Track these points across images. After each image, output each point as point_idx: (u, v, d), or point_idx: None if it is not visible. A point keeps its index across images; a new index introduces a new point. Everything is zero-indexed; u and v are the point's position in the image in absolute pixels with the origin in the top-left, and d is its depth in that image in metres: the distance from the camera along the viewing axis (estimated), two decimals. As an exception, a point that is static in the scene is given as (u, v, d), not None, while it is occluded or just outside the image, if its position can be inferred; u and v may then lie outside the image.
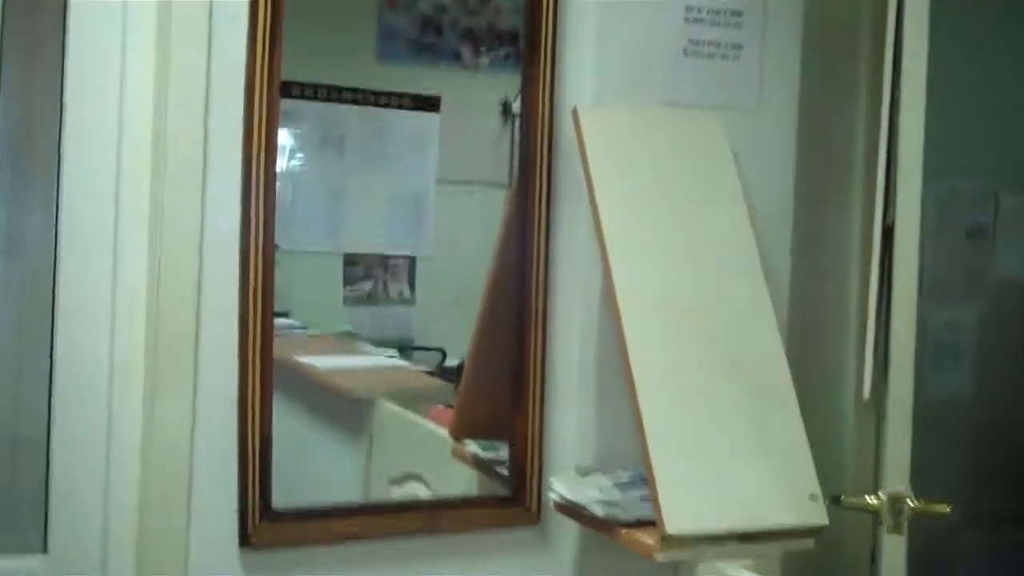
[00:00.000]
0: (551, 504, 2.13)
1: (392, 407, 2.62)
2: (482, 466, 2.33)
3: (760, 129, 2.13)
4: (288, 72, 2.22)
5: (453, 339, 3.45)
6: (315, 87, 3.47)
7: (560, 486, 2.09)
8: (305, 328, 3.22)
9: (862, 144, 2.25)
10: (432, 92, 3.62)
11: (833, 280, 2.28)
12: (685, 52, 2.14)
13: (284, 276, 2.99)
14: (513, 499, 2.20)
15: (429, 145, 3.71)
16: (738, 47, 2.15)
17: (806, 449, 1.96)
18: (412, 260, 3.74)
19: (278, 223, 2.24)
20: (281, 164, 3.23)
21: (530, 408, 2.15)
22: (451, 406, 2.69)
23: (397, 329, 3.56)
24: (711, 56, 2.14)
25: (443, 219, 3.78)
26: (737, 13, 2.14)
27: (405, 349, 3.42)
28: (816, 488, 1.97)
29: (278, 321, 2.22)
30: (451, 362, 3.41)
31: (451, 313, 3.54)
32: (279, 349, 2.18)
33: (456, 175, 3.76)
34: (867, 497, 1.96)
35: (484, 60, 3.74)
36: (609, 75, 2.11)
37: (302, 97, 3.42)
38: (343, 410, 2.71)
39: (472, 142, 3.68)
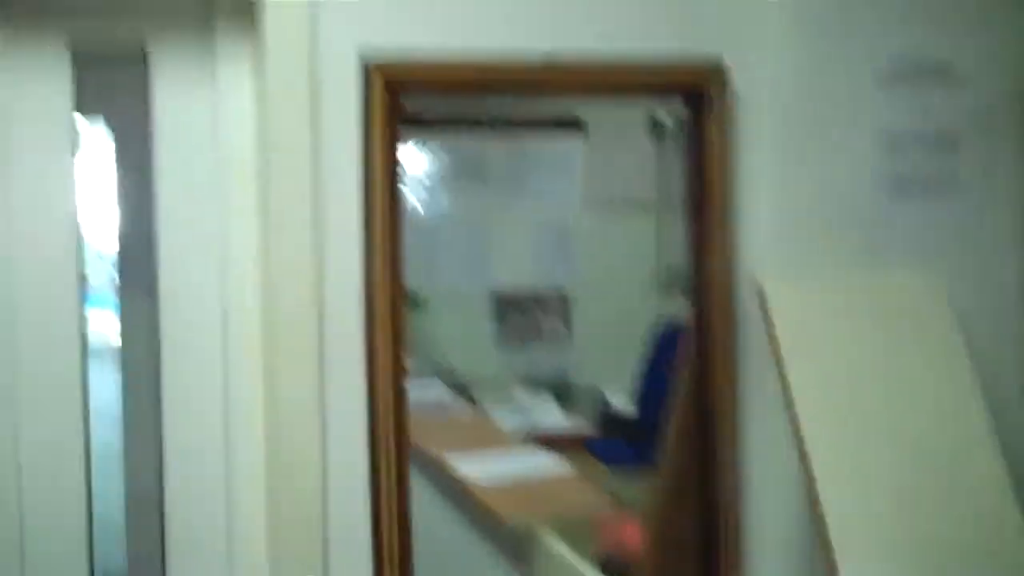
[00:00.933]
0: None
1: (558, 547, 2.31)
2: None
3: (988, 280, 1.74)
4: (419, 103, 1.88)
5: (611, 376, 3.18)
6: (448, 117, 3.20)
7: None
8: (453, 393, 2.98)
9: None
10: (574, 113, 3.34)
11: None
12: (888, 194, 1.73)
13: (431, 322, 2.73)
14: None
15: (574, 170, 3.41)
16: (954, 178, 1.73)
17: None
18: (563, 293, 3.47)
19: (421, 267, 1.98)
20: (418, 202, 2.96)
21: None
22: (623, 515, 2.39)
23: (551, 368, 3.31)
24: (920, 196, 1.73)
25: (592, 247, 3.49)
26: (953, 136, 1.71)
27: (561, 394, 3.17)
28: None
29: (416, 398, 1.88)
30: (613, 403, 3.16)
31: (607, 347, 3.27)
32: (421, 440, 1.91)
33: (603, 200, 3.45)
34: None
35: (628, 75, 3.38)
36: (795, 230, 1.73)
37: (436, 127, 3.16)
38: (499, 531, 2.43)
39: (620, 164, 3.37)
